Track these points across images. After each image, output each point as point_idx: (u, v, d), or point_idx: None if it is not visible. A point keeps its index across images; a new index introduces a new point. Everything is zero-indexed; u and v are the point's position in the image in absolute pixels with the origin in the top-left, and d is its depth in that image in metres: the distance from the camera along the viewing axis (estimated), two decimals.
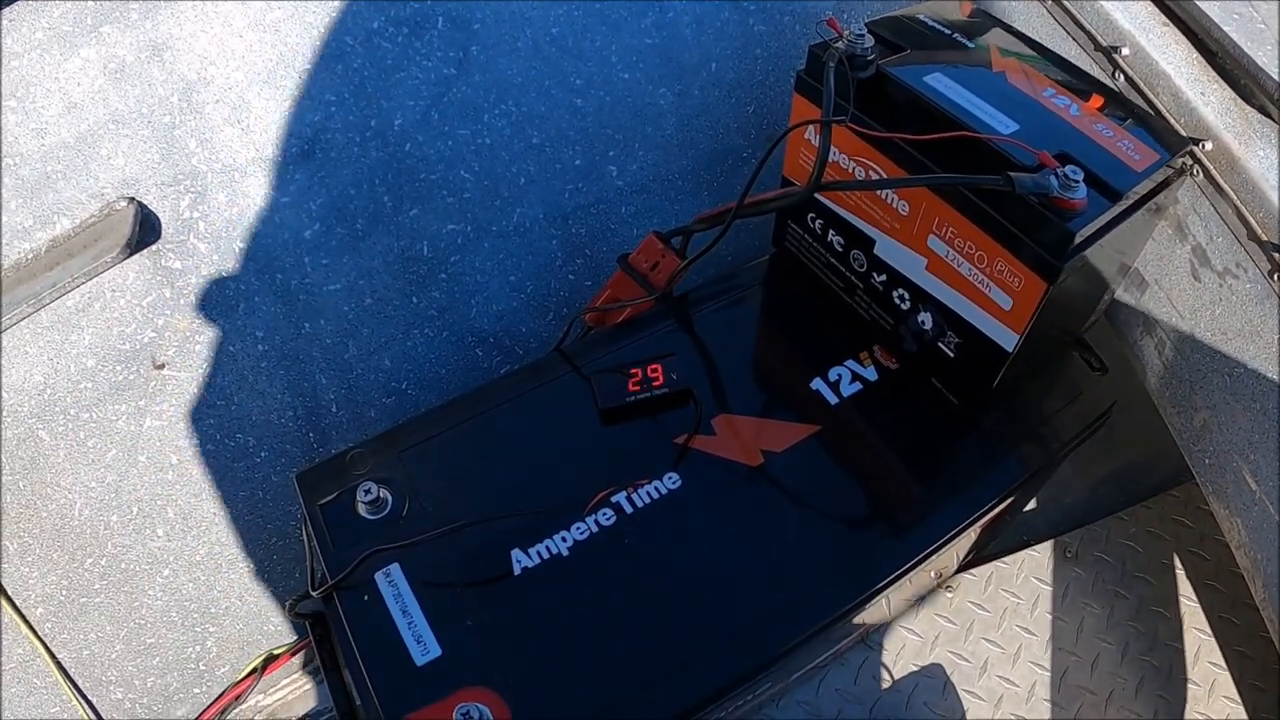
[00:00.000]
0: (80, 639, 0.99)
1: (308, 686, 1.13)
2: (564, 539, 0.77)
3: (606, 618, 0.74)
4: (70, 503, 0.95)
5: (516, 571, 0.75)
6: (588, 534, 0.77)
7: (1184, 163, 0.81)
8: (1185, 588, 1.21)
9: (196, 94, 0.92)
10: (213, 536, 1.02)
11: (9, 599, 0.95)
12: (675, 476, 0.81)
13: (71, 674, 1.00)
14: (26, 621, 0.96)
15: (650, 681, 0.71)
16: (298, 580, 1.07)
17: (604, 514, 0.78)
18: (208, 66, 0.92)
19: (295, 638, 1.09)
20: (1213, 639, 1.17)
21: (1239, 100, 0.81)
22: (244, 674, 1.05)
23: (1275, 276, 0.76)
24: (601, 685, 0.71)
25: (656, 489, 0.80)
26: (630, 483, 0.80)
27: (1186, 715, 1.12)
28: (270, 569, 1.07)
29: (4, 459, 0.91)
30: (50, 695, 1.00)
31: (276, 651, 1.08)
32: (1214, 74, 0.83)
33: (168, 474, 0.99)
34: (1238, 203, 0.78)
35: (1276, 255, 0.75)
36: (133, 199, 0.91)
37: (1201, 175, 0.81)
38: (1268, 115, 0.79)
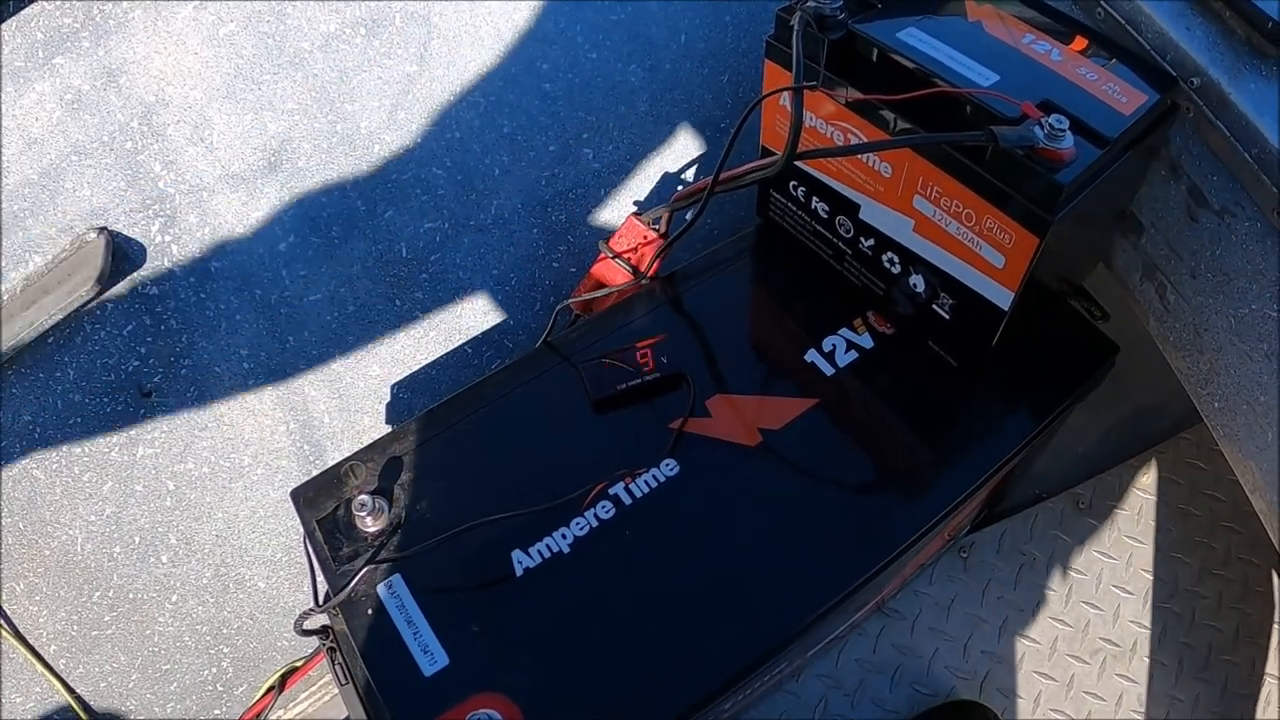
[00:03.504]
0: (96, 672, 1.00)
1: (327, 698, 1.13)
2: (564, 536, 0.75)
3: (614, 612, 0.73)
4: (72, 538, 0.95)
5: (518, 573, 0.74)
6: (587, 529, 0.76)
7: (1174, 101, 0.78)
8: (1203, 531, 1.19)
9: (156, 116, 0.90)
10: (217, 558, 1.02)
11: (23, 639, 0.95)
12: (672, 463, 0.79)
13: (92, 706, 1.00)
14: (42, 660, 0.96)
15: (663, 672, 0.70)
16: (307, 592, 1.07)
17: (603, 507, 0.77)
18: (165, 87, 0.90)
19: (311, 649, 1.09)
20: (1235, 582, 1.16)
21: (1226, 33, 0.78)
22: (262, 691, 1.05)
23: (1275, 213, 0.73)
24: (613, 680, 0.70)
25: (654, 477, 0.78)
26: (627, 473, 0.78)
27: (1212, 661, 1.11)
28: (278, 584, 1.06)
29: (1, 501, 0.91)
30: None
31: (296, 664, 1.08)
32: (1199, 7, 0.80)
33: (166, 500, 0.98)
34: (1231, 139, 0.75)
35: (1275, 190, 0.73)
36: (103, 229, 0.89)
37: (1193, 113, 0.78)
38: (1255, 47, 0.76)
